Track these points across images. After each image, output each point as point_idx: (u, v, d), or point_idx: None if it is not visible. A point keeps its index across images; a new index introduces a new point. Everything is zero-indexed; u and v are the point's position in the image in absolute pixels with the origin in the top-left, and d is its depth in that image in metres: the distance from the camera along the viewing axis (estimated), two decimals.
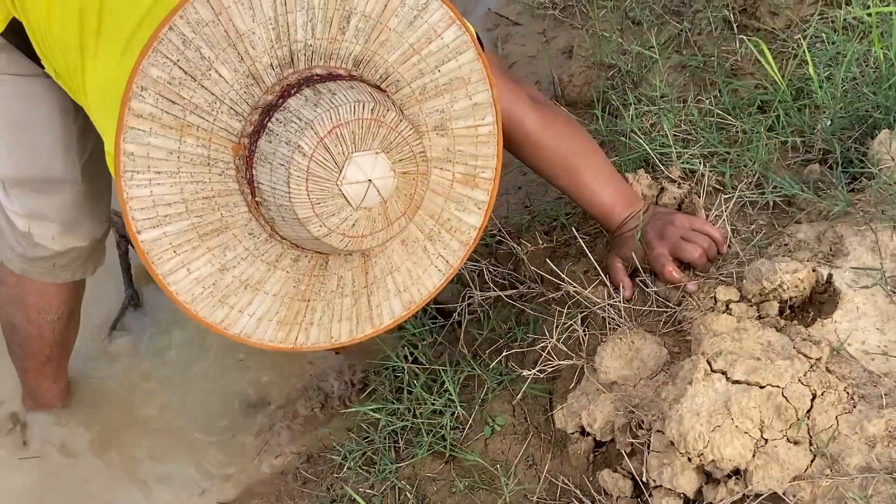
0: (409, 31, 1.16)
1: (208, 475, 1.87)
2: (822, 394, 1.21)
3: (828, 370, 1.25)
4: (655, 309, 1.47)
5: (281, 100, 1.08)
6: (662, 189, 1.60)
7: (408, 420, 1.62)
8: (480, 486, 1.49)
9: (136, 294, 2.17)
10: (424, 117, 1.20)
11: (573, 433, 1.42)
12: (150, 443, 1.94)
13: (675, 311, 1.44)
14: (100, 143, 1.55)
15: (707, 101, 1.77)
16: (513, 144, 1.49)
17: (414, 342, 1.75)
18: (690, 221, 1.50)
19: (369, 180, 1.06)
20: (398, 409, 1.65)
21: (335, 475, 1.66)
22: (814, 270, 1.36)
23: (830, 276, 1.36)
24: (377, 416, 1.64)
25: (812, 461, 1.18)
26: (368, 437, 1.66)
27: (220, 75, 1.08)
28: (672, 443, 1.23)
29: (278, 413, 1.89)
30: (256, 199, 1.11)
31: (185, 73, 1.07)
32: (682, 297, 1.44)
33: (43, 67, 1.42)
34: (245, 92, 1.09)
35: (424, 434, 1.57)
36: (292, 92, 1.08)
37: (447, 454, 1.55)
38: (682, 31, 2.01)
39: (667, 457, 1.25)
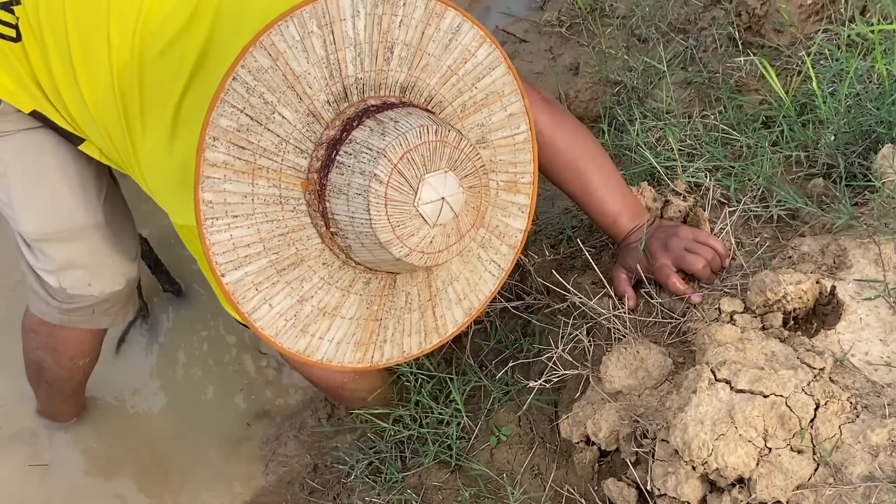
0: (445, 54, 1.23)
1: (215, 485, 1.88)
2: (826, 403, 1.22)
3: (831, 380, 1.26)
4: (660, 320, 1.48)
5: (345, 133, 1.13)
6: (667, 202, 1.62)
7: (414, 429, 1.63)
8: (486, 495, 1.49)
9: (146, 305, 2.19)
10: (467, 132, 1.27)
11: (578, 442, 1.43)
12: (159, 452, 1.96)
13: (680, 322, 1.45)
14: (113, 182, 1.58)
15: (712, 117, 1.79)
16: None
17: None
18: (694, 233, 1.51)
19: (442, 198, 1.11)
20: (404, 416, 1.65)
21: (342, 484, 1.67)
22: (817, 282, 1.37)
23: (834, 287, 1.37)
24: (384, 424, 1.65)
25: (815, 470, 1.19)
26: (375, 446, 1.67)
27: (283, 117, 1.14)
28: (676, 451, 1.24)
29: (285, 424, 1.90)
30: (332, 230, 1.16)
31: (252, 118, 1.13)
32: (687, 308, 1.45)
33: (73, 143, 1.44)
34: (307, 130, 1.15)
35: (431, 443, 1.58)
36: (354, 125, 1.13)
37: (453, 463, 1.56)
38: (687, 48, 2.03)
39: (671, 465, 1.26)
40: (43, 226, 1.53)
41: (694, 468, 1.23)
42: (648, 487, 1.28)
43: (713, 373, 1.27)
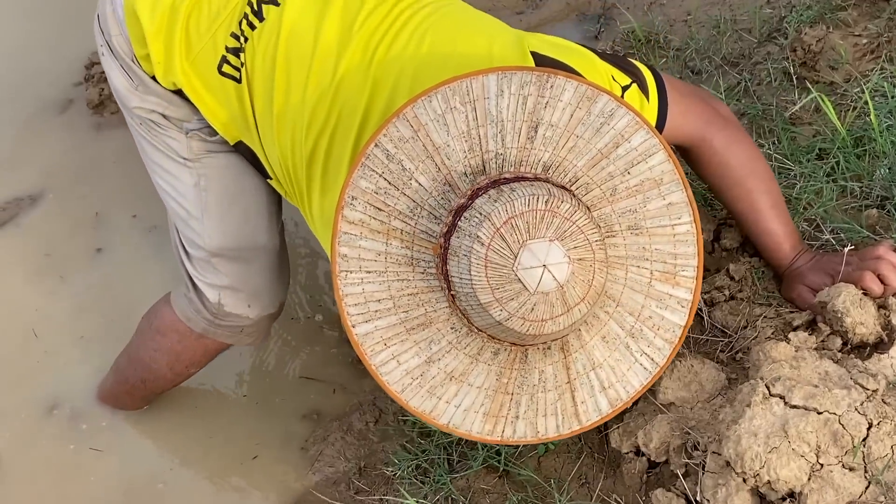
0: (596, 138, 1.23)
1: (262, 483, 1.90)
2: (878, 423, 1.24)
3: (884, 402, 1.28)
4: (712, 338, 1.51)
5: (470, 201, 1.18)
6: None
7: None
8: (533, 501, 1.52)
9: None
10: (617, 217, 1.25)
11: (628, 453, 1.45)
12: (204, 450, 1.99)
13: (733, 340, 1.48)
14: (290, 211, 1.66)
15: (766, 146, 1.82)
16: (700, 163, 1.54)
17: None
18: (860, 255, 1.47)
19: (543, 265, 1.11)
20: None
21: (389, 485, 1.70)
22: (881, 308, 1.40)
23: (888, 314, 1.40)
24: (432, 427, 1.68)
25: (866, 488, 1.21)
26: (423, 447, 1.70)
27: (419, 184, 1.20)
28: (728, 464, 1.26)
29: (333, 425, 1.92)
30: (452, 292, 1.19)
31: (389, 183, 1.19)
32: (742, 327, 1.48)
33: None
34: (442, 198, 1.20)
35: (479, 448, 1.61)
36: (479, 194, 1.18)
37: (501, 468, 1.58)
38: (741, 80, 2.07)
39: (722, 477, 1.28)
40: (229, 241, 1.60)
41: (745, 480, 1.25)
42: (698, 499, 1.30)
43: (768, 388, 1.29)
